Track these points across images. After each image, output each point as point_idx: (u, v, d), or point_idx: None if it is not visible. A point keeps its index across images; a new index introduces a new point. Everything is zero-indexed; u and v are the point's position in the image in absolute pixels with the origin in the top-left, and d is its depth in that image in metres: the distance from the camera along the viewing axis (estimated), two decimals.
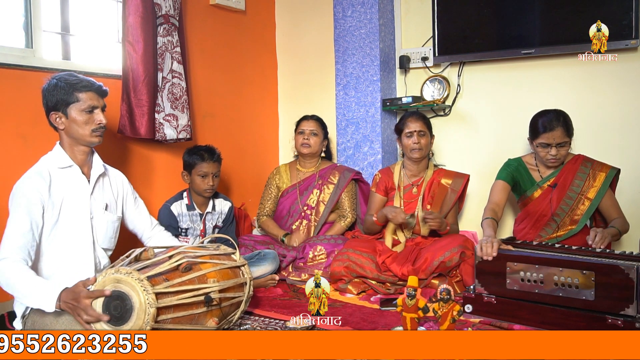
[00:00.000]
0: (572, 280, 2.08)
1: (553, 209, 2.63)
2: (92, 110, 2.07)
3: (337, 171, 3.25)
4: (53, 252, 2.03)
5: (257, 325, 2.19)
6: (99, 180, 2.19)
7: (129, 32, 2.82)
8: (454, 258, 2.55)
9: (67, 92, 2.03)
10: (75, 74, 2.11)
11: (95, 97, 2.08)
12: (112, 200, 2.24)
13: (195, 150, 2.88)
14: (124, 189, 2.32)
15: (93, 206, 2.14)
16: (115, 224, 2.22)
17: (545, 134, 2.56)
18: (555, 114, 2.59)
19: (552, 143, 2.55)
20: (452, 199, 2.89)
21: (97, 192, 2.17)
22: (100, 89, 2.11)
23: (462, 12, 3.20)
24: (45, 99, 2.07)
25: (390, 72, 3.50)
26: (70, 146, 2.10)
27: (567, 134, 2.56)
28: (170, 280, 1.83)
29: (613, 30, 2.64)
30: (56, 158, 2.09)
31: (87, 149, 2.13)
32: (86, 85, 2.06)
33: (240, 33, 3.65)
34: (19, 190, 1.98)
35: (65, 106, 2.04)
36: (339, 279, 2.72)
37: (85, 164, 2.15)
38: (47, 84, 2.07)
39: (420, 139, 2.87)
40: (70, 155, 2.10)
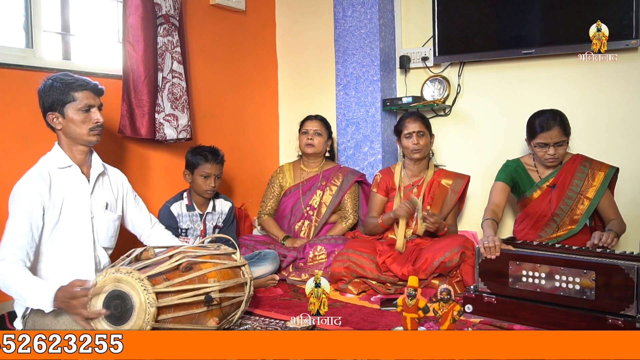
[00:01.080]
0: (573, 280, 2.08)
1: (552, 209, 2.63)
2: (89, 109, 2.07)
3: (341, 173, 3.25)
4: (53, 252, 2.03)
5: (257, 325, 2.19)
6: (98, 180, 2.19)
7: (129, 32, 2.82)
8: (454, 258, 2.55)
9: (63, 91, 2.03)
10: (70, 74, 2.11)
11: (91, 96, 2.08)
12: (112, 199, 2.24)
13: (199, 151, 2.87)
14: (123, 188, 2.32)
15: (93, 205, 2.13)
16: (115, 222, 2.23)
17: (543, 133, 2.56)
18: (552, 113, 2.59)
19: (549, 142, 2.56)
20: (452, 200, 2.89)
21: (97, 191, 2.17)
22: (96, 87, 2.11)
23: (462, 12, 3.20)
24: (41, 99, 2.06)
25: (391, 72, 3.50)
26: (69, 146, 2.10)
27: (564, 133, 2.56)
28: (171, 279, 1.83)
29: (613, 30, 2.64)
30: (55, 158, 2.09)
31: (85, 148, 2.13)
32: (82, 85, 2.06)
33: (240, 33, 3.65)
34: (19, 191, 1.97)
35: (62, 106, 2.03)
36: (339, 279, 2.71)
37: (84, 164, 2.15)
38: (43, 84, 2.06)
39: (420, 139, 2.86)
40: (70, 155, 2.10)
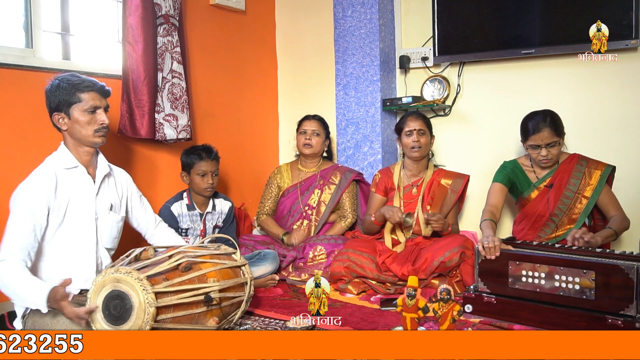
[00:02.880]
0: (573, 280, 2.08)
1: (551, 209, 2.63)
2: (95, 110, 2.06)
3: (338, 172, 3.25)
4: (56, 253, 2.03)
5: (257, 325, 2.19)
6: (104, 181, 2.18)
7: (129, 32, 2.82)
8: (454, 258, 2.55)
9: (70, 92, 2.02)
10: (77, 75, 2.11)
11: (97, 97, 2.07)
12: (117, 200, 2.24)
13: (193, 150, 2.88)
14: (128, 189, 2.32)
15: (98, 207, 2.13)
16: (119, 224, 2.23)
17: (534, 135, 2.56)
18: (542, 115, 2.59)
19: (541, 144, 2.56)
20: (452, 200, 2.89)
21: (103, 192, 2.17)
22: (102, 89, 2.11)
23: (462, 12, 3.20)
24: (48, 99, 2.06)
25: (390, 72, 3.50)
26: (75, 147, 2.10)
27: (555, 133, 2.56)
28: (170, 279, 1.83)
29: (613, 30, 2.64)
30: (62, 159, 2.08)
31: (91, 149, 2.12)
32: (88, 86, 2.06)
33: (240, 33, 3.65)
34: (24, 190, 1.96)
35: (68, 107, 2.03)
36: (339, 279, 2.71)
37: (90, 165, 2.15)
38: (50, 85, 2.06)
39: (420, 137, 2.86)
40: (76, 156, 2.10)
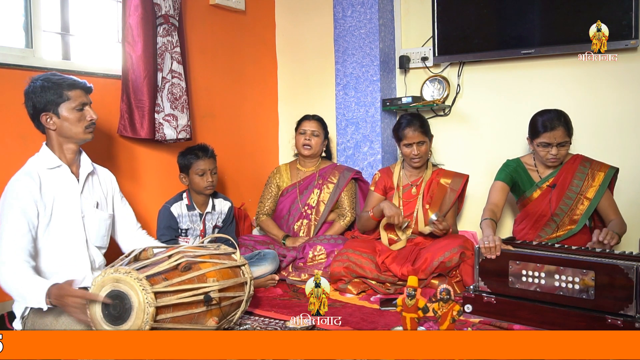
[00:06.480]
0: (573, 279, 2.08)
1: (552, 209, 2.63)
2: (83, 107, 2.08)
3: (337, 171, 3.26)
4: (47, 253, 2.02)
5: (257, 325, 2.19)
6: (88, 179, 2.19)
7: (128, 32, 2.82)
8: (453, 258, 2.55)
9: (56, 92, 2.03)
10: (57, 73, 2.11)
11: (83, 94, 2.10)
12: (102, 198, 2.24)
13: (189, 151, 2.88)
14: (112, 187, 2.32)
15: (84, 205, 2.13)
16: (107, 221, 2.22)
17: (547, 133, 2.55)
18: (557, 113, 2.59)
19: (553, 142, 2.55)
20: (451, 199, 2.89)
21: (87, 190, 2.17)
22: (85, 86, 2.13)
23: (462, 12, 3.20)
24: (31, 101, 2.05)
25: (390, 72, 3.50)
26: (60, 146, 2.10)
27: (567, 133, 2.56)
28: (170, 279, 1.82)
29: (613, 30, 2.64)
30: (44, 159, 2.08)
31: (76, 147, 2.13)
32: (72, 84, 2.08)
33: (240, 33, 3.65)
34: (10, 192, 1.96)
35: (56, 106, 2.04)
36: (339, 279, 2.71)
37: (73, 163, 2.15)
38: (31, 86, 2.05)
39: (420, 148, 2.86)
40: (59, 155, 2.10)
